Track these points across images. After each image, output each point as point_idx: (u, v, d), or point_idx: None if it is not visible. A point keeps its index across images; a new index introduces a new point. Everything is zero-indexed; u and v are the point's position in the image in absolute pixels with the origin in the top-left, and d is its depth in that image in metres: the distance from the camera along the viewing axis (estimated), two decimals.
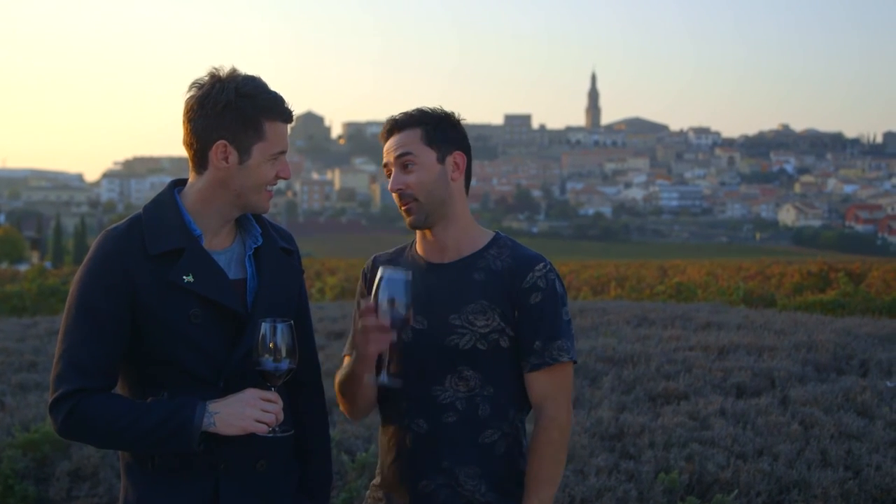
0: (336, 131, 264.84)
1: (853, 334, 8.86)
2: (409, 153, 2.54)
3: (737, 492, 4.92)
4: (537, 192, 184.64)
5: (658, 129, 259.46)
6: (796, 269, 22.08)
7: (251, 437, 2.32)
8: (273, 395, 2.32)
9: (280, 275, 2.49)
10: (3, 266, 47.09)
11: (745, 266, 30.59)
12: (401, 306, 2.36)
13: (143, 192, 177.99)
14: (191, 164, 2.42)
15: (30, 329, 10.85)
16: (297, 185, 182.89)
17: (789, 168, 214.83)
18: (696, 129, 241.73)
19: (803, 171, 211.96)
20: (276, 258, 2.50)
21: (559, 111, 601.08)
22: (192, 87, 2.37)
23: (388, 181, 2.59)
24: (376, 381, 2.45)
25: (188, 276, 2.33)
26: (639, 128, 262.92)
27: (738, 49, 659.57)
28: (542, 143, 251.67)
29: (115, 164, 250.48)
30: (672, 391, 6.72)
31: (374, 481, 2.68)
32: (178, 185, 2.49)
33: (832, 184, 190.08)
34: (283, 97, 2.39)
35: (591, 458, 5.31)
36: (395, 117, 2.59)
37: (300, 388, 2.57)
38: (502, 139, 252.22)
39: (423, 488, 2.53)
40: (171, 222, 2.38)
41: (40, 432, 5.71)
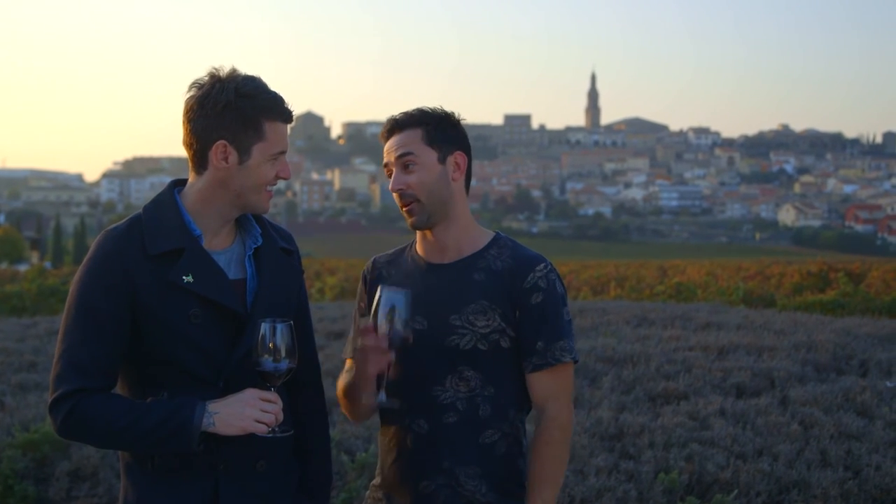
0: (336, 131, 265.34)
1: (853, 334, 8.86)
2: (410, 153, 2.53)
3: (736, 492, 4.92)
4: (537, 193, 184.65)
5: (658, 130, 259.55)
6: (796, 269, 22.08)
7: (251, 438, 2.32)
8: (273, 396, 2.31)
9: (280, 275, 2.49)
10: (3, 266, 47.07)
11: (744, 266, 30.59)
12: (400, 326, 2.36)
13: (143, 193, 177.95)
14: (191, 165, 2.42)
15: (29, 329, 10.85)
16: (297, 186, 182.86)
17: (789, 168, 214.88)
18: (695, 129, 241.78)
19: (803, 171, 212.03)
20: (276, 258, 2.50)
21: (559, 111, 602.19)
22: (191, 87, 2.37)
23: (388, 181, 2.58)
24: (374, 400, 2.45)
25: (188, 276, 2.33)
26: (638, 128, 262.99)
27: (738, 49, 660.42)
28: (542, 143, 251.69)
29: (115, 164, 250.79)
30: (672, 391, 6.72)
31: (373, 481, 2.68)
32: (178, 185, 2.48)
33: (832, 184, 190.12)
34: (283, 97, 2.39)
35: (591, 458, 5.31)
36: (395, 117, 2.58)
37: (300, 389, 2.57)
38: (502, 139, 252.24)
39: (424, 489, 2.53)
40: (171, 222, 2.38)
41: (40, 432, 5.71)
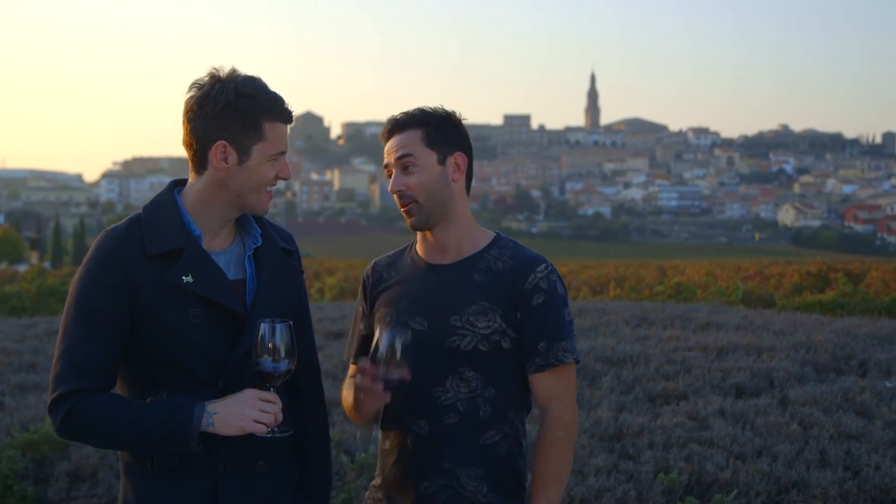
0: (335, 131, 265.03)
1: (852, 334, 8.85)
2: (409, 154, 2.53)
3: (736, 492, 4.92)
4: (536, 193, 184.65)
5: (657, 130, 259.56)
6: (795, 269, 22.08)
7: (250, 438, 2.32)
8: (272, 396, 2.31)
9: (279, 275, 2.49)
10: (3, 266, 47.04)
11: (744, 266, 30.58)
12: (398, 368, 2.38)
13: (143, 193, 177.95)
14: (190, 165, 2.42)
15: (29, 329, 10.84)
16: (297, 186, 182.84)
17: (788, 168, 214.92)
18: (695, 130, 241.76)
19: (802, 171, 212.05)
20: (276, 259, 2.50)
21: (558, 111, 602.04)
22: (191, 87, 2.37)
23: (387, 181, 2.58)
24: (369, 435, 2.50)
25: (187, 276, 2.33)
26: (638, 128, 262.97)
27: (738, 49, 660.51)
28: (542, 144, 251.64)
29: (115, 164, 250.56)
30: (671, 391, 6.72)
31: (373, 482, 2.68)
32: (178, 185, 2.48)
33: (831, 184, 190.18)
34: (283, 98, 2.39)
35: (591, 458, 5.31)
36: (395, 117, 2.58)
37: (300, 389, 2.57)
38: (501, 139, 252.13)
39: (425, 490, 2.53)
40: (171, 222, 2.38)
41: (39, 433, 5.71)
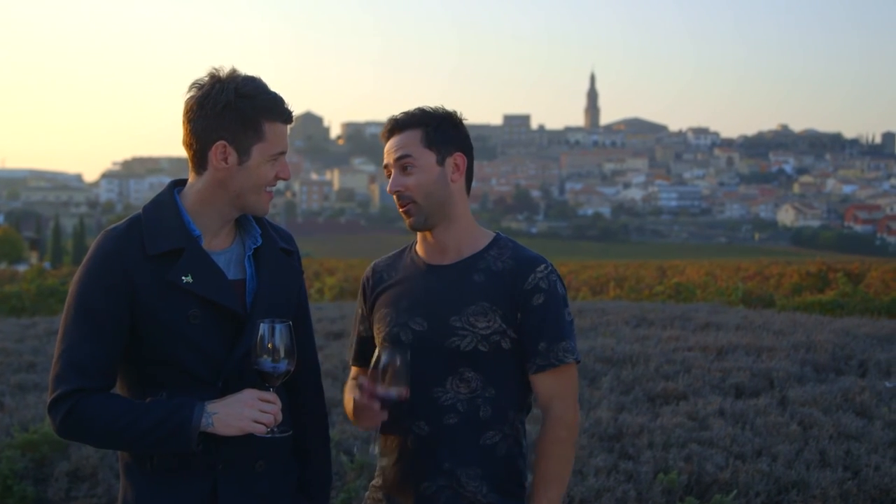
0: (335, 131, 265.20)
1: (852, 335, 8.85)
2: (408, 155, 2.53)
3: (735, 492, 4.92)
4: (536, 193, 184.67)
5: (657, 130, 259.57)
6: (795, 269, 22.07)
7: (250, 438, 2.32)
8: (271, 396, 2.31)
9: (279, 275, 2.49)
10: (2, 266, 47.05)
11: (743, 266, 30.57)
12: (397, 387, 2.39)
13: (142, 193, 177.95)
14: (190, 165, 2.42)
15: (29, 329, 10.83)
16: (296, 186, 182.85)
17: (788, 168, 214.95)
18: (695, 130, 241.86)
19: (802, 171, 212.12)
20: (276, 259, 2.50)
21: (558, 111, 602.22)
22: (191, 87, 2.37)
23: (387, 182, 2.58)
24: (367, 452, 2.50)
25: (187, 276, 2.33)
26: (638, 128, 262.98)
27: (738, 49, 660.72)
28: (541, 144, 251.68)
29: (114, 164, 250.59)
30: (671, 391, 6.72)
31: (373, 482, 2.68)
32: (178, 185, 2.48)
33: (831, 184, 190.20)
34: (283, 98, 2.39)
35: (590, 458, 5.31)
36: (396, 117, 2.58)
37: (300, 389, 2.57)
38: (501, 139, 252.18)
39: (425, 490, 2.53)
40: (171, 223, 2.38)
41: (39, 433, 5.71)
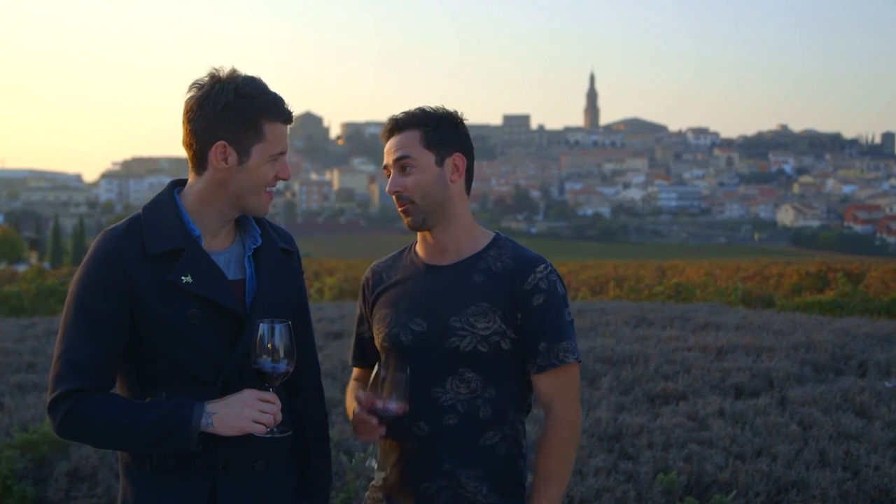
0: (335, 132, 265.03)
1: (851, 335, 8.85)
2: (407, 156, 2.52)
3: (735, 492, 4.92)
4: (536, 193, 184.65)
5: (657, 130, 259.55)
6: (795, 269, 22.06)
7: (249, 438, 2.32)
8: (271, 396, 2.31)
9: (279, 276, 2.49)
10: (2, 266, 47.05)
11: (743, 266, 30.56)
12: (396, 402, 2.42)
13: (142, 193, 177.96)
14: (190, 165, 2.42)
15: (28, 330, 10.83)
16: (296, 186, 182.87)
17: (788, 168, 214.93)
18: (694, 130, 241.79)
19: (802, 171, 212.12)
20: (276, 259, 2.50)
21: (558, 111, 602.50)
22: (191, 87, 2.37)
23: (387, 182, 2.57)
24: (364, 463, 2.51)
25: (187, 276, 2.33)
26: (637, 128, 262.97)
27: (738, 49, 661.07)
28: (541, 144, 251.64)
29: (114, 164, 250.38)
30: (670, 392, 6.72)
31: (373, 482, 2.68)
32: (178, 185, 2.48)
33: (831, 184, 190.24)
34: (283, 98, 2.39)
35: (590, 458, 5.31)
36: (396, 117, 2.57)
37: (300, 389, 2.57)
38: (501, 139, 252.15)
39: (425, 490, 2.53)
40: (171, 223, 2.38)
41: (39, 433, 5.71)
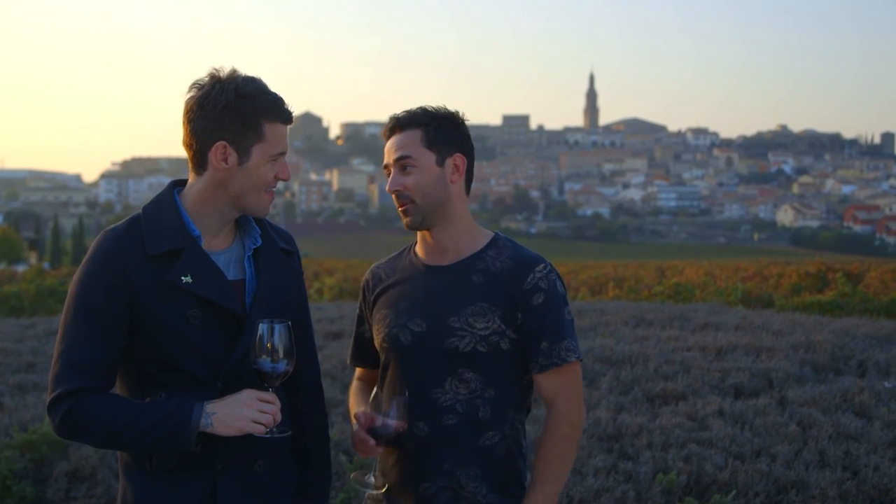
0: (334, 132, 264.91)
1: (851, 335, 8.85)
2: (408, 156, 2.52)
3: (735, 492, 4.92)
4: (535, 193, 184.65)
5: (656, 130, 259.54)
6: (794, 269, 22.05)
7: (249, 438, 2.32)
8: (270, 396, 2.32)
9: (279, 276, 2.49)
10: (2, 267, 47.06)
11: (743, 266, 30.55)
12: (392, 420, 2.44)
13: (142, 193, 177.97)
14: (190, 165, 2.42)
15: (28, 330, 10.83)
16: (296, 186, 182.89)
17: (787, 169, 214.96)
18: (694, 130, 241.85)
19: (801, 171, 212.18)
20: (276, 259, 2.50)
21: (557, 112, 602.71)
22: (192, 87, 2.37)
23: (386, 182, 2.57)
24: (363, 481, 2.56)
25: (187, 276, 2.32)
26: (637, 128, 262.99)
27: (737, 50, 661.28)
28: (541, 144, 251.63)
29: (114, 164, 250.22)
30: (670, 392, 6.72)
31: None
32: (178, 185, 2.48)
33: (830, 184, 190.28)
34: (283, 98, 2.39)
35: (590, 458, 5.31)
36: (397, 116, 2.56)
37: (299, 389, 2.57)
38: (500, 140, 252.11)
39: (425, 490, 2.53)
40: (170, 223, 2.38)
41: (38, 433, 5.70)
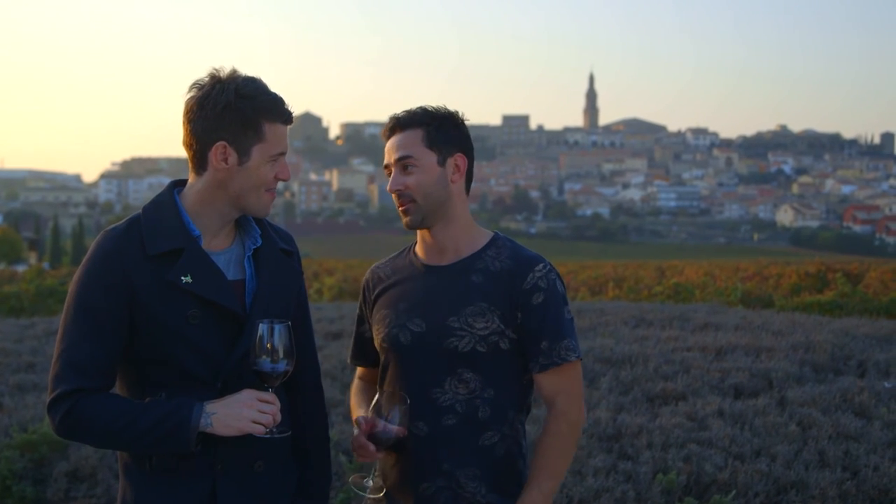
0: (334, 132, 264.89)
1: (851, 335, 8.85)
2: (409, 156, 2.51)
3: (734, 492, 4.92)
4: (535, 193, 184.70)
5: (656, 130, 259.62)
6: (794, 269, 22.04)
7: (249, 438, 2.32)
8: (270, 397, 2.32)
9: (279, 276, 2.49)
10: (1, 267, 47.06)
11: (742, 267, 30.55)
12: (393, 426, 2.45)
13: (141, 193, 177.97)
14: (190, 165, 2.42)
15: (28, 330, 10.83)
16: (295, 186, 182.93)
17: (787, 169, 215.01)
18: (693, 130, 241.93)
19: (801, 171, 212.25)
20: (276, 259, 2.50)
21: (557, 112, 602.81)
22: (192, 87, 2.37)
23: (386, 182, 2.57)
24: (361, 484, 2.56)
25: (186, 276, 2.32)
26: (637, 128, 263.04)
27: (737, 50, 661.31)
28: (540, 144, 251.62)
29: (113, 164, 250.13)
30: (670, 392, 6.72)
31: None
32: (178, 185, 2.48)
33: (830, 184, 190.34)
34: (283, 98, 2.39)
35: (589, 458, 5.31)
36: (397, 115, 2.56)
37: (299, 389, 2.57)
38: (500, 140, 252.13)
39: (425, 490, 2.53)
40: (170, 223, 2.38)
41: (38, 433, 5.71)
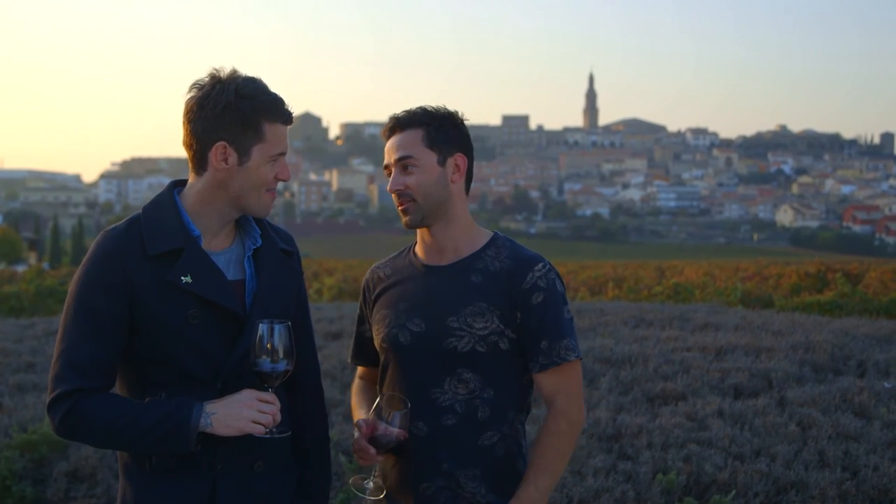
0: (334, 132, 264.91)
1: (851, 335, 8.85)
2: (409, 156, 2.52)
3: (734, 492, 4.92)
4: (535, 193, 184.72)
5: (656, 130, 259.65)
6: (794, 269, 22.04)
7: (249, 438, 2.32)
8: (270, 397, 2.32)
9: (279, 276, 2.49)
10: (1, 267, 47.05)
11: (742, 267, 30.55)
12: (395, 430, 2.45)
13: (141, 193, 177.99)
14: (190, 165, 2.42)
15: (27, 330, 10.83)
16: (295, 186, 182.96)
17: (787, 169, 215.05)
18: (693, 130, 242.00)
19: (801, 171, 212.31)
20: (276, 259, 2.50)
21: (557, 112, 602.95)
22: (192, 87, 2.37)
23: (386, 181, 2.57)
24: (361, 486, 2.56)
25: (186, 276, 2.32)
26: (636, 128, 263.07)
27: (737, 50, 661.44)
28: (540, 144, 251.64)
29: (113, 164, 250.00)
30: (670, 392, 6.72)
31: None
32: (178, 185, 2.48)
33: (830, 184, 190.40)
34: (283, 99, 2.39)
35: (589, 458, 5.31)
36: (397, 115, 2.56)
37: (299, 389, 2.57)
38: (500, 140, 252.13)
39: (424, 490, 2.53)
40: (170, 223, 2.38)
41: (38, 433, 5.71)
